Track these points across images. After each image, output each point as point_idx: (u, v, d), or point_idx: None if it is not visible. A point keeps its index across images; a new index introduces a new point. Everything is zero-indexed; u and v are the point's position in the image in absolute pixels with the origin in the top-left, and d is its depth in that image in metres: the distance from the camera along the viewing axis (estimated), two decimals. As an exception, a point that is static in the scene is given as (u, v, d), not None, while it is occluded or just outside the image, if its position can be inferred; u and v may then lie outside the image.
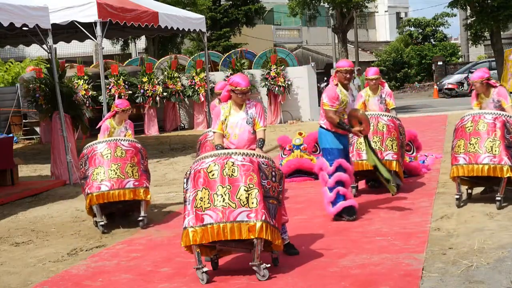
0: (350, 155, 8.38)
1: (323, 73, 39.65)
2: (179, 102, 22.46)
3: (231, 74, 21.77)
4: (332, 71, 9.59)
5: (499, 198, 7.82)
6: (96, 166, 8.25)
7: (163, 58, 24.26)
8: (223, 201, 5.69)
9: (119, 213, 8.77)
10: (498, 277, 5.37)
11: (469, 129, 8.02)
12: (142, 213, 8.22)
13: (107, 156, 8.29)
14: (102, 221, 8.14)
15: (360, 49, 44.04)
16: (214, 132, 6.52)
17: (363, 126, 7.67)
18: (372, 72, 9.68)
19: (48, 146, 13.57)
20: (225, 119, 6.43)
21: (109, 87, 20.27)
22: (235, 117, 6.43)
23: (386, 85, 9.98)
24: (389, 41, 52.69)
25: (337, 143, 7.70)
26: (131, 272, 6.35)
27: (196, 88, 21.76)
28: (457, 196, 8.12)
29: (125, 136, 8.71)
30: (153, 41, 27.31)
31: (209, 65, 20.74)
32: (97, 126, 8.96)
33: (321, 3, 27.69)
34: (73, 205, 9.98)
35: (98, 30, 13.30)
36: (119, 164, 8.25)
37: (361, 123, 7.69)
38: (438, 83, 35.96)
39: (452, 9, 30.37)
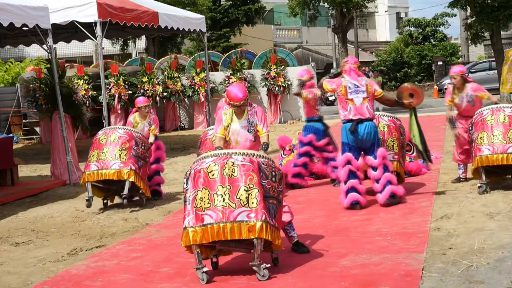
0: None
1: (323, 73, 39.68)
2: (179, 102, 22.46)
3: (231, 74, 21.80)
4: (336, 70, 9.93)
5: None
6: (93, 149, 9.49)
7: (163, 58, 24.27)
8: (223, 201, 5.69)
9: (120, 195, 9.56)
10: (498, 277, 5.36)
11: (490, 122, 8.57)
12: (125, 191, 9.21)
13: (102, 141, 9.47)
14: (87, 197, 9.26)
15: (360, 49, 44.03)
16: (216, 136, 6.58)
17: (414, 98, 8.59)
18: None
19: (48, 146, 13.57)
20: (228, 125, 6.48)
21: (109, 87, 20.27)
22: (237, 125, 6.49)
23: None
24: (389, 41, 52.63)
25: None
26: (131, 272, 6.35)
27: (196, 88, 21.77)
28: (479, 185, 8.59)
29: (149, 130, 9.78)
30: (153, 41, 27.32)
31: (209, 65, 20.74)
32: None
33: (321, 3, 27.69)
34: (73, 205, 9.98)
35: (98, 30, 13.30)
36: (109, 148, 9.36)
37: (412, 95, 8.59)
38: (438, 83, 35.95)
39: (452, 9, 30.34)
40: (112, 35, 20.31)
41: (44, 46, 12.03)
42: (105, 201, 9.64)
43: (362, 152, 8.42)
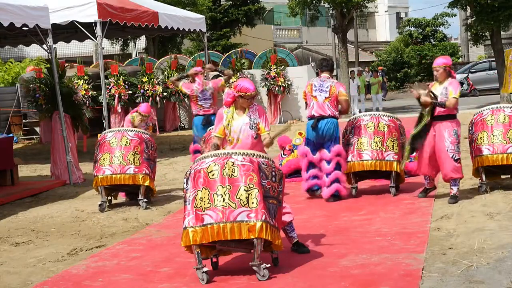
0: (351, 155, 9.07)
1: (323, 73, 39.59)
2: (179, 102, 22.45)
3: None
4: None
5: None
6: (104, 152, 9.35)
7: (163, 58, 24.25)
8: (223, 201, 5.69)
9: (132, 195, 9.85)
10: (498, 277, 5.37)
11: (490, 122, 8.59)
12: (140, 196, 9.26)
13: (113, 144, 9.35)
14: (101, 202, 9.27)
15: (360, 49, 44.03)
16: (214, 135, 6.55)
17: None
18: None
19: (48, 146, 13.57)
20: (228, 124, 6.44)
21: (109, 87, 20.26)
22: (238, 121, 6.44)
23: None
24: (389, 41, 52.62)
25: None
26: (131, 272, 6.35)
27: (196, 88, 21.73)
28: (479, 185, 8.65)
29: (146, 129, 9.90)
30: (153, 41, 27.31)
31: (209, 65, 20.71)
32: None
33: (321, 3, 27.67)
34: (73, 205, 9.98)
35: (98, 30, 13.31)
36: (122, 152, 9.27)
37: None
38: (438, 83, 35.93)
39: (452, 9, 30.29)
40: (112, 35, 20.32)
41: (44, 46, 12.03)
42: (109, 198, 9.68)
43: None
